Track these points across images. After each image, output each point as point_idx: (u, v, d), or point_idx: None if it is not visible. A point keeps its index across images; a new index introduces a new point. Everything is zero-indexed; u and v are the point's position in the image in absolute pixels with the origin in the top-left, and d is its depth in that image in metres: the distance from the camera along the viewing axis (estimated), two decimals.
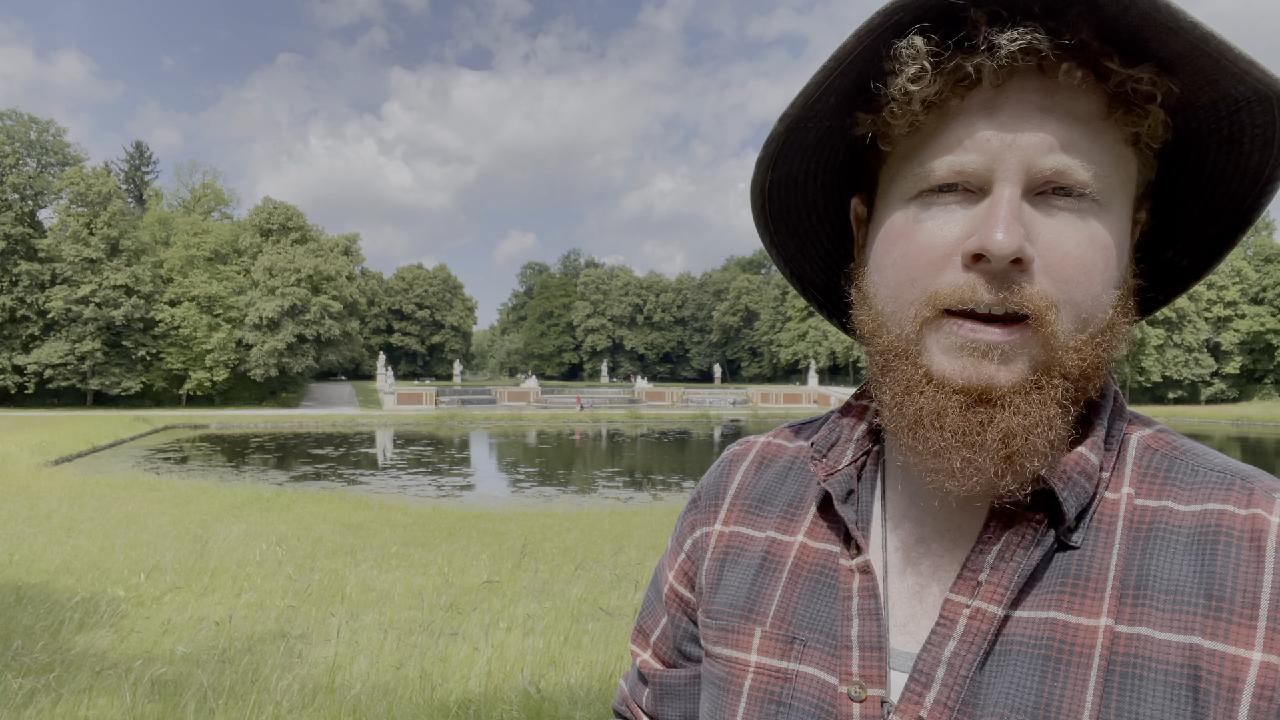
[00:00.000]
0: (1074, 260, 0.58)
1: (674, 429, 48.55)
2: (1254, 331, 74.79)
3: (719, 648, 0.75)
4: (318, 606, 6.90)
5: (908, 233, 0.62)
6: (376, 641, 5.73)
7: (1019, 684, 0.59)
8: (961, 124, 0.59)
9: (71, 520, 11.46)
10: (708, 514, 0.84)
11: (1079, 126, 0.58)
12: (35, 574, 7.86)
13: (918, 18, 0.58)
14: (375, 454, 32.48)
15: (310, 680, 4.83)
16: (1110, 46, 0.56)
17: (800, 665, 0.69)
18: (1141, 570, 0.59)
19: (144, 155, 76.58)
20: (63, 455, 25.25)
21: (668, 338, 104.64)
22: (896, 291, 0.63)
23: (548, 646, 5.52)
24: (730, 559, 0.78)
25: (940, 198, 0.61)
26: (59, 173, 57.85)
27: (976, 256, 0.58)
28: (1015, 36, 0.55)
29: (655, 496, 20.07)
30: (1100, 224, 0.59)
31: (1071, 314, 0.59)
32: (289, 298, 60.29)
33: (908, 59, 0.58)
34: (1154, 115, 0.59)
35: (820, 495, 0.75)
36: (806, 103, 0.64)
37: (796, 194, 0.74)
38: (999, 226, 0.56)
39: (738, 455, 0.86)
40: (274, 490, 16.55)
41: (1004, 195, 0.57)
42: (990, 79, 0.57)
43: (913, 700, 0.61)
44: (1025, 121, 0.57)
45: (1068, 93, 0.58)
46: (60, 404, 57.22)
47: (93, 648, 5.52)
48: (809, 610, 0.71)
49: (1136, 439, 0.67)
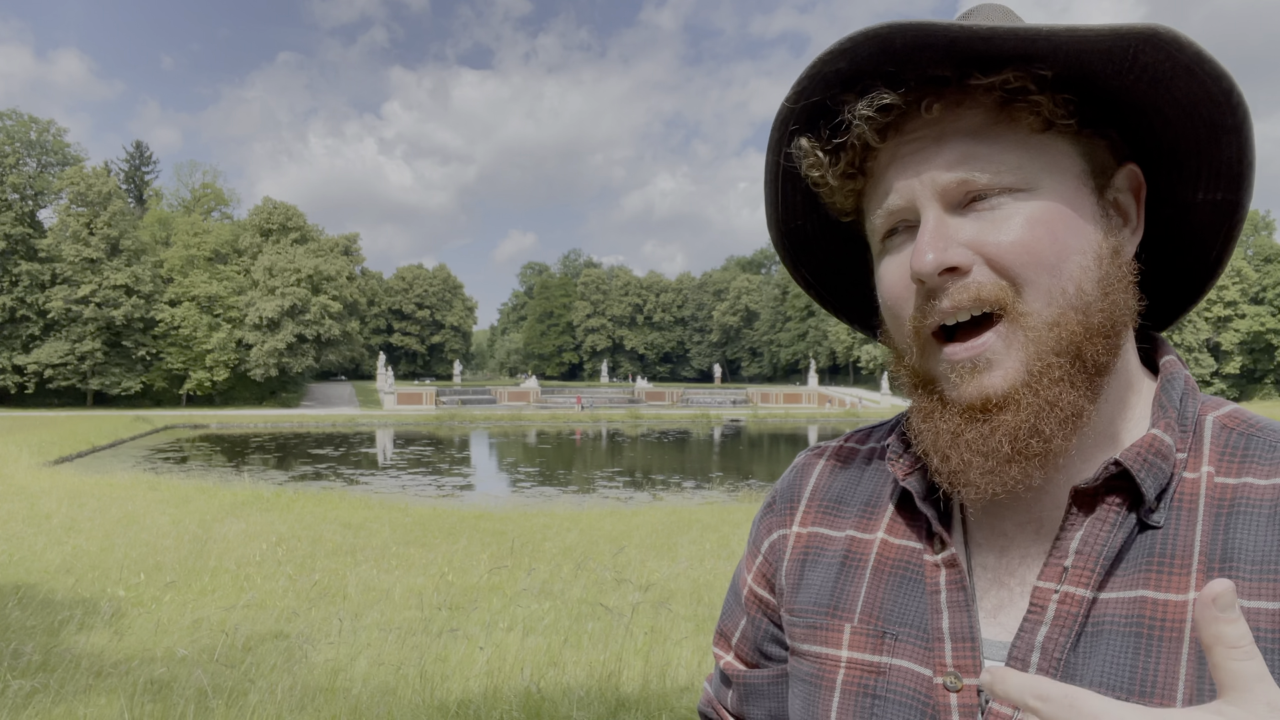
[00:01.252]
0: (1009, 245, 0.63)
1: (674, 429, 48.56)
2: (1254, 331, 74.77)
3: (807, 645, 0.77)
4: (318, 606, 6.90)
5: (880, 280, 0.71)
6: (376, 641, 5.72)
7: (1113, 662, 0.61)
8: (882, 179, 0.68)
9: (71, 520, 11.46)
10: (784, 517, 0.86)
11: (971, 139, 0.65)
12: (35, 574, 7.86)
13: (807, 121, 0.70)
14: (375, 454, 32.49)
15: (310, 680, 4.83)
16: (967, 67, 0.63)
17: (893, 659, 0.71)
18: (1227, 544, 0.61)
19: (144, 155, 76.59)
20: (63, 455, 25.27)
21: (668, 338, 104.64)
22: (895, 329, 0.71)
23: (548, 646, 5.51)
24: (810, 559, 0.81)
25: (891, 241, 0.70)
26: (59, 173, 57.88)
27: (918, 280, 0.65)
28: (866, 104, 0.65)
29: (655, 496, 20.08)
30: (1034, 205, 0.64)
31: (1034, 292, 0.63)
32: (289, 298, 60.29)
33: (802, 158, 0.70)
34: (1042, 102, 0.64)
35: (898, 494, 0.77)
36: (774, 213, 0.77)
37: (838, 276, 0.85)
38: (923, 249, 0.63)
39: (811, 459, 0.88)
40: (274, 490, 16.54)
41: (927, 220, 0.65)
42: (875, 141, 0.66)
43: None
44: (921, 155, 0.66)
45: (949, 118, 0.65)
46: (60, 404, 57.23)
47: (92, 648, 5.51)
48: (896, 605, 0.73)
49: (1212, 419, 0.69)
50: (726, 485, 22.74)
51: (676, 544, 10.42)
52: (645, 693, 4.60)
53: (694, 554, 9.64)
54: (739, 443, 41.47)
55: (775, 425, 51.87)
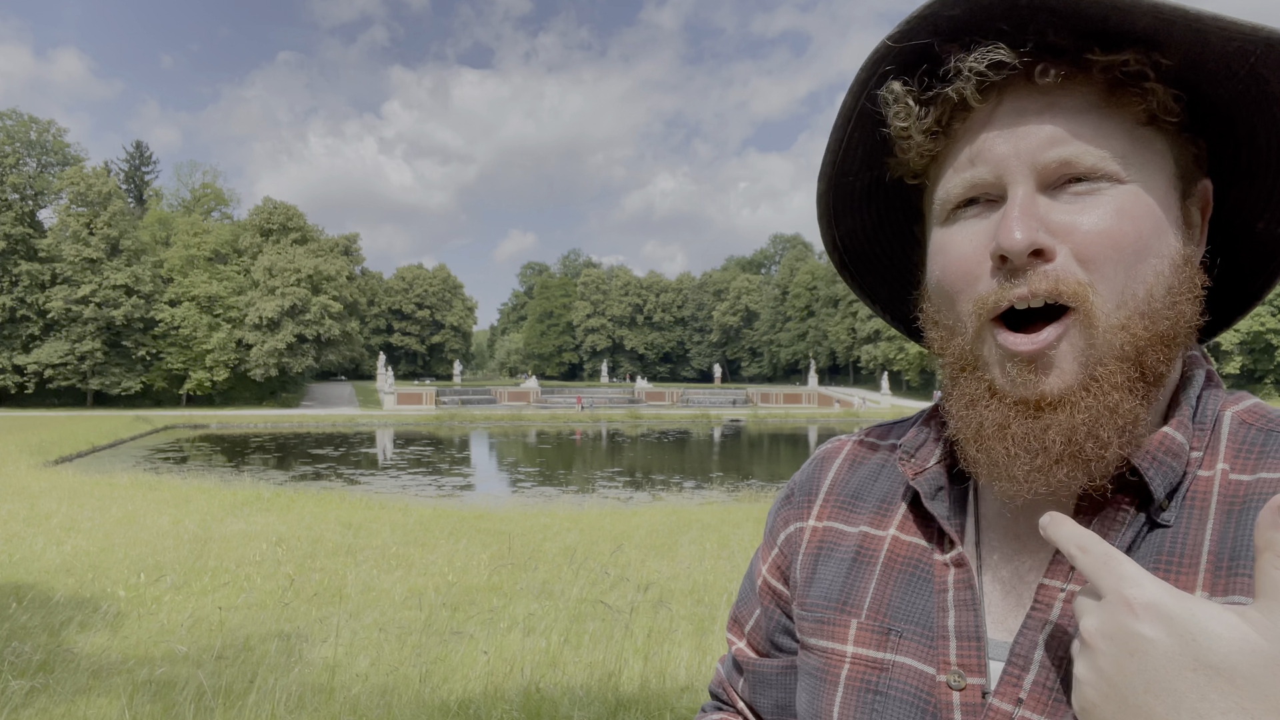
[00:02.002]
0: (1097, 235, 0.60)
1: (674, 429, 48.56)
2: (1254, 331, 74.78)
3: (815, 639, 0.77)
4: (317, 606, 6.90)
5: (943, 250, 0.66)
6: (376, 641, 5.72)
7: None
8: (967, 143, 0.63)
9: (71, 520, 11.46)
10: (801, 509, 0.86)
11: (1079, 117, 0.60)
12: (35, 574, 7.86)
13: (901, 66, 0.64)
14: (375, 454, 32.49)
15: (309, 680, 4.83)
16: (1087, 40, 0.59)
17: (897, 656, 0.70)
18: (1236, 542, 0.59)
19: (144, 155, 76.60)
20: (63, 455, 25.27)
21: (668, 338, 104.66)
22: (946, 306, 0.67)
23: (548, 646, 5.51)
24: (824, 553, 0.80)
25: (964, 213, 0.65)
26: (59, 173, 57.90)
27: (1001, 259, 0.61)
28: (978, 57, 0.60)
29: (655, 496, 20.08)
30: (1125, 198, 0.60)
31: (1109, 290, 0.60)
32: (289, 298, 60.31)
33: (891, 103, 0.64)
34: (1155, 92, 0.60)
35: (911, 493, 0.77)
36: (833, 160, 0.71)
37: (870, 243, 0.80)
38: (1012, 225, 0.59)
39: (830, 453, 0.88)
40: (274, 490, 16.54)
41: (1016, 195, 0.60)
42: (975, 100, 0.61)
43: (1011, 683, 0.62)
44: (1023, 125, 0.61)
45: (1058, 90, 0.61)
46: (60, 404, 57.25)
47: (92, 647, 5.52)
48: (904, 602, 0.72)
49: (1231, 415, 0.67)
50: (726, 485, 22.74)
51: (676, 544, 10.42)
52: (645, 692, 4.60)
53: (694, 554, 9.64)
54: (739, 443, 41.48)
55: (775, 425, 51.87)
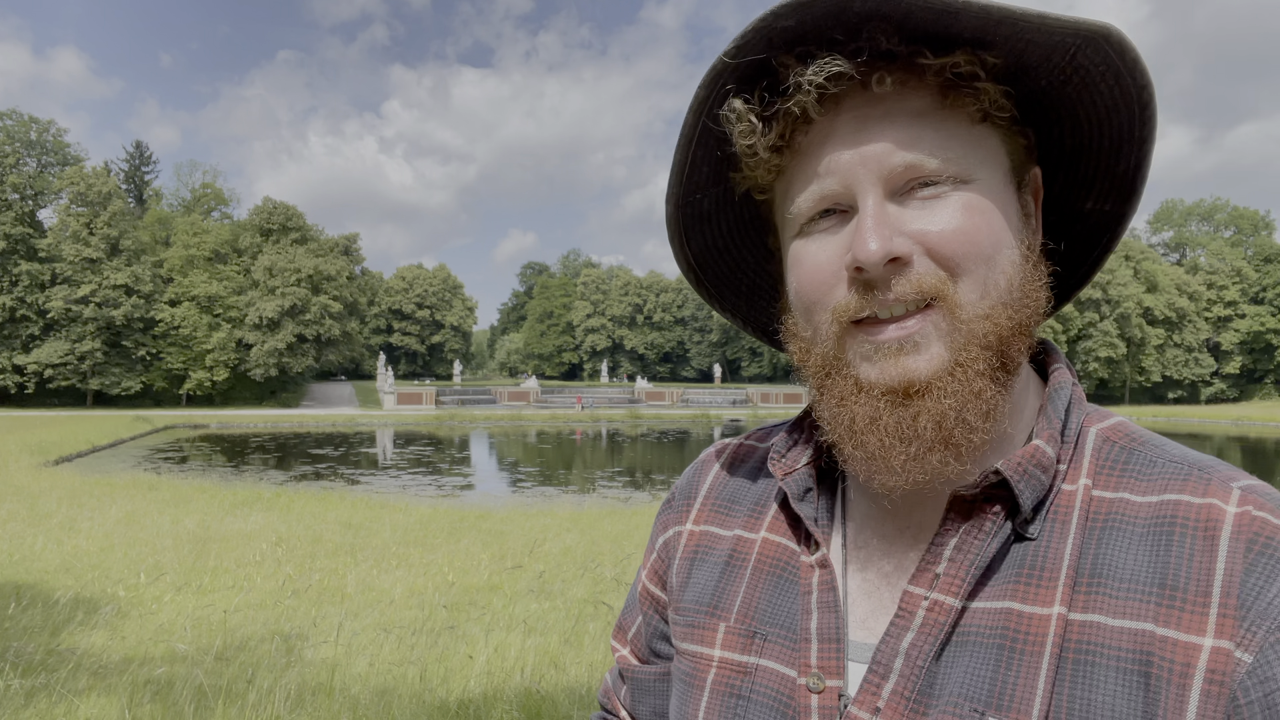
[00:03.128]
0: (951, 234, 0.61)
1: (674, 429, 48.55)
2: (1254, 331, 74.77)
3: (686, 644, 0.77)
4: (317, 606, 6.90)
5: (799, 263, 0.66)
6: (376, 641, 5.72)
7: (974, 673, 0.59)
8: (814, 156, 0.63)
9: (71, 520, 11.46)
10: (680, 513, 0.86)
11: (917, 122, 0.61)
12: (35, 573, 7.85)
13: (740, 82, 0.63)
14: (375, 454, 32.48)
15: (309, 680, 4.83)
16: (917, 45, 0.60)
17: (760, 659, 0.70)
18: (1096, 559, 0.60)
19: (144, 155, 76.57)
20: (63, 455, 25.24)
21: (668, 337, 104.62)
22: (806, 317, 0.67)
23: (547, 647, 5.51)
24: (699, 557, 0.80)
25: (819, 224, 0.65)
26: (59, 173, 57.88)
27: (858, 269, 0.61)
28: (816, 70, 0.60)
29: (655, 496, 20.05)
30: (971, 196, 0.62)
31: (970, 283, 0.61)
32: (289, 298, 60.30)
33: (734, 121, 0.64)
34: (987, 90, 0.61)
35: (781, 494, 0.77)
36: (679, 180, 0.70)
37: (722, 258, 0.79)
38: (866, 236, 0.60)
39: (711, 457, 0.88)
40: (274, 490, 16.54)
41: (867, 205, 0.61)
42: (816, 112, 0.61)
43: (870, 691, 0.62)
44: (865, 134, 0.61)
45: (895, 97, 0.61)
46: (60, 404, 57.23)
47: (92, 647, 5.51)
48: (770, 605, 0.72)
49: (1095, 431, 0.68)
50: None
51: None
52: None
53: None
54: None
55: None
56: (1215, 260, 78.11)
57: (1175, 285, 73.76)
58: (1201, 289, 74.69)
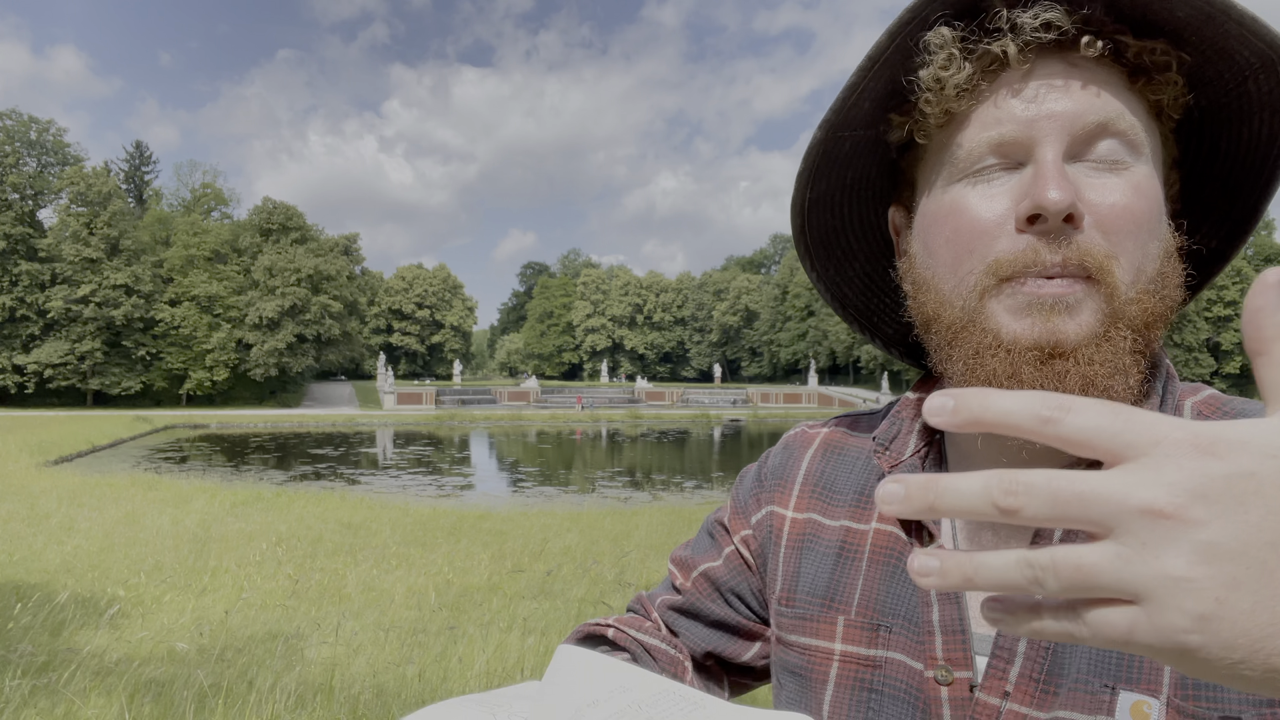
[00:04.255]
0: (1121, 210, 0.60)
1: (674, 429, 48.54)
2: None
3: (797, 636, 0.77)
4: (317, 606, 6.90)
5: (957, 209, 0.64)
6: (376, 641, 5.72)
7: (1100, 650, 0.59)
8: (995, 103, 0.62)
9: (71, 520, 11.46)
10: (774, 493, 0.85)
11: (1107, 90, 0.61)
12: (35, 573, 7.86)
13: (944, 9, 0.62)
14: (375, 454, 32.48)
15: (309, 680, 4.83)
16: (1123, 24, 0.60)
17: (888, 652, 0.71)
18: None
19: (144, 155, 76.56)
20: (62, 455, 25.25)
21: (668, 338, 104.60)
22: (954, 267, 0.64)
23: (548, 647, 5.52)
24: (807, 546, 0.80)
25: (984, 174, 0.63)
26: (59, 172, 57.88)
27: (1032, 218, 0.60)
28: (1036, 13, 0.59)
29: (655, 496, 20.07)
30: (1142, 176, 0.61)
31: (1127, 264, 0.61)
32: (289, 298, 60.30)
33: (937, 49, 0.62)
34: (1171, 85, 0.62)
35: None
36: (844, 106, 0.67)
37: (833, 212, 0.78)
38: (1050, 185, 0.58)
39: (803, 441, 0.87)
40: (274, 490, 16.54)
41: (1048, 157, 0.60)
42: (1016, 59, 0.60)
43: (997, 676, 0.63)
44: (1055, 90, 0.61)
45: (1092, 64, 0.61)
46: (60, 404, 57.21)
47: (93, 647, 5.51)
48: (889, 597, 0.72)
49: (1190, 405, 0.69)
50: (726, 485, 22.71)
51: (676, 544, 10.41)
52: None
53: None
54: (739, 443, 41.45)
55: (775, 425, 51.83)
56: None
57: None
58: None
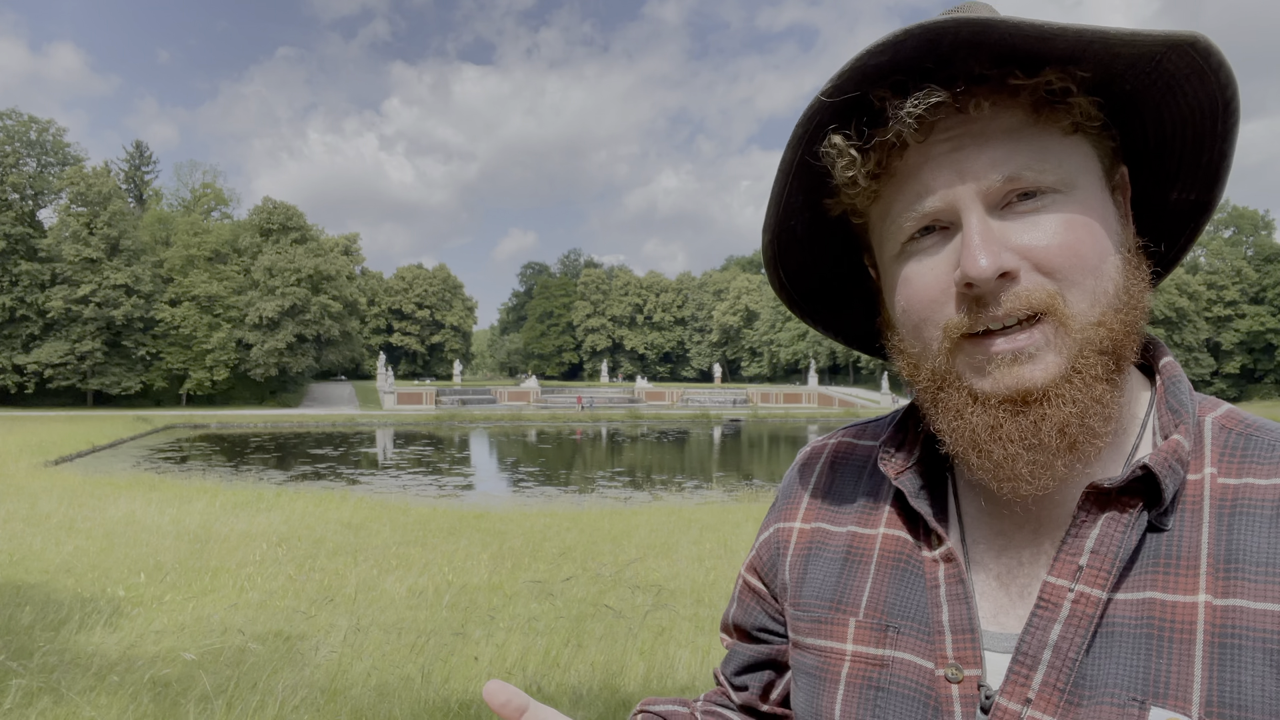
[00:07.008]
0: (1057, 248, 0.62)
1: (674, 428, 48.56)
2: (1254, 331, 74.79)
3: (810, 638, 0.79)
4: (318, 606, 6.90)
5: (907, 282, 0.68)
6: (377, 642, 5.72)
7: (1126, 663, 0.61)
8: (912, 178, 0.66)
9: (71, 520, 11.45)
10: (781, 513, 0.89)
11: (1012, 138, 0.63)
12: (35, 574, 7.85)
13: (835, 117, 0.67)
14: (375, 453, 32.49)
15: (311, 680, 4.83)
16: (1009, 66, 0.62)
17: (896, 651, 0.72)
18: (1230, 545, 0.62)
19: (144, 155, 76.58)
20: (63, 455, 25.25)
21: (668, 337, 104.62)
22: (915, 334, 0.69)
23: (548, 647, 5.52)
24: (814, 553, 0.82)
25: (921, 243, 0.67)
26: (59, 172, 57.90)
27: (968, 286, 0.63)
28: (915, 102, 0.62)
29: (655, 496, 20.07)
30: (1071, 207, 0.64)
31: (1079, 294, 0.63)
32: (289, 298, 60.33)
33: (835, 157, 0.67)
34: (1079, 103, 0.64)
35: (894, 492, 0.79)
36: (777, 211, 0.74)
37: (815, 275, 0.83)
38: (977, 254, 0.62)
39: (811, 457, 0.91)
40: (274, 490, 16.53)
41: (971, 222, 0.63)
42: (914, 138, 0.64)
43: (1019, 683, 0.63)
44: (963, 154, 0.64)
45: (989, 117, 0.64)
46: (60, 404, 57.21)
47: (93, 648, 5.51)
48: (898, 599, 0.74)
49: (1211, 420, 0.70)
50: (726, 485, 22.73)
51: (677, 544, 10.42)
52: (647, 692, 4.60)
53: (694, 554, 9.64)
54: (739, 443, 41.47)
55: (775, 425, 51.86)
56: (1215, 260, 78.11)
57: (1175, 285, 73.78)
58: (1201, 289, 74.68)
